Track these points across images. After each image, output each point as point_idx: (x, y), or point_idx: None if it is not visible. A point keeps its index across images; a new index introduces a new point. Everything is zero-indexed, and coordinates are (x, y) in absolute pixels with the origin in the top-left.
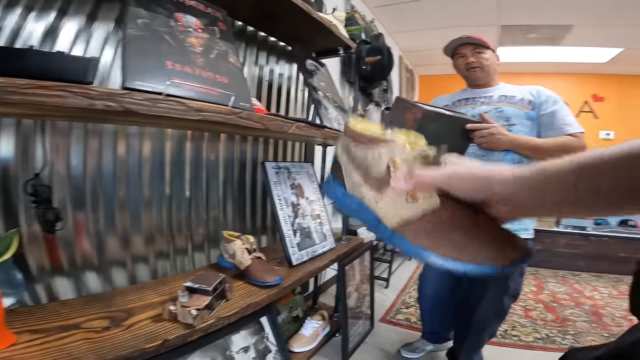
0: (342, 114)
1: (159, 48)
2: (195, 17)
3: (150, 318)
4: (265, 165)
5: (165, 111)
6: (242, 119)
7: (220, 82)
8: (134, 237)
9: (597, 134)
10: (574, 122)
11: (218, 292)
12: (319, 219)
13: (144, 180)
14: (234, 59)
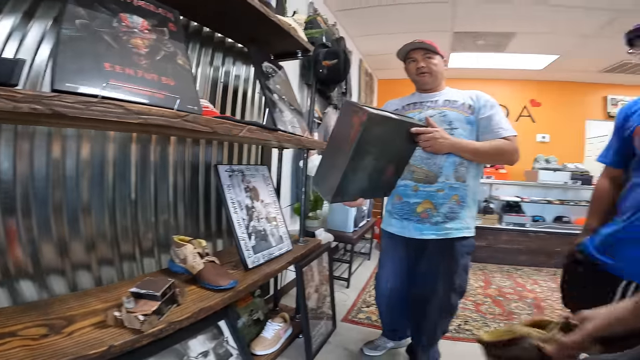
0: (297, 117)
1: (96, 49)
2: (142, 17)
3: (94, 325)
4: (218, 168)
5: (101, 114)
6: (188, 122)
7: (165, 84)
8: (73, 244)
9: (534, 137)
10: (508, 126)
11: (167, 297)
12: (275, 222)
13: (82, 184)
14: (183, 60)
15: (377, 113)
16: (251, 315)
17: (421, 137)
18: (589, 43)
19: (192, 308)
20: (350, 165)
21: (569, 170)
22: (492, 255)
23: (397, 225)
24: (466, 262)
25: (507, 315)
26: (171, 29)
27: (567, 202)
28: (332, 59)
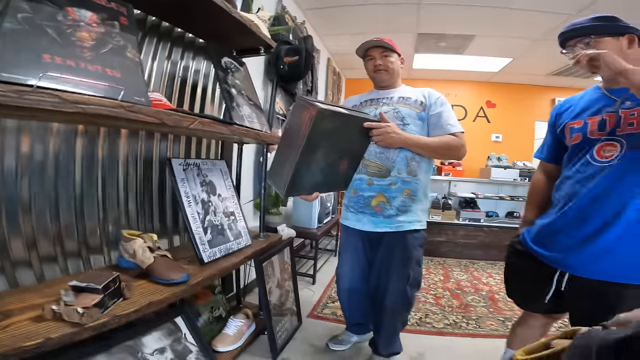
0: (257, 112)
1: (38, 42)
2: (92, 11)
3: (31, 319)
4: (172, 161)
5: (35, 103)
6: (132, 112)
7: (111, 76)
8: (11, 241)
9: (490, 137)
10: (456, 123)
11: (112, 291)
12: (233, 216)
13: (20, 180)
14: (132, 53)
15: (327, 108)
16: (212, 312)
17: (373, 132)
18: (538, 46)
19: (140, 302)
20: (302, 159)
21: (518, 168)
22: (452, 249)
23: (353, 219)
24: (419, 254)
25: (465, 308)
26: (122, 23)
27: (517, 198)
28: (293, 55)
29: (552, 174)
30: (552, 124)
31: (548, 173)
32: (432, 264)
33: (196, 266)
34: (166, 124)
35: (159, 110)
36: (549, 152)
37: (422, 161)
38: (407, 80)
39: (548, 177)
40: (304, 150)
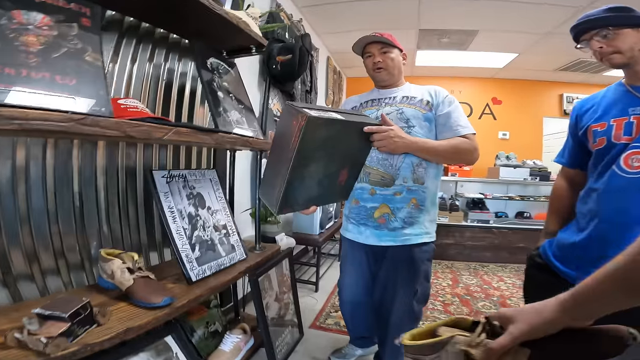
0: (248, 117)
1: None
2: (44, 13)
3: None
4: (153, 174)
5: None
6: (86, 125)
7: (61, 84)
8: None
9: (497, 134)
10: (467, 123)
11: (82, 318)
12: (224, 230)
13: None
14: (93, 57)
15: (319, 116)
16: (208, 327)
17: (374, 137)
18: (545, 41)
19: (117, 328)
20: (294, 174)
21: (528, 167)
22: (460, 252)
23: (354, 231)
24: (427, 268)
25: (475, 315)
26: (84, 24)
27: (527, 198)
28: (286, 54)
29: (575, 180)
30: (573, 126)
31: (570, 179)
32: (439, 267)
33: (183, 285)
34: (132, 136)
35: (119, 122)
36: (571, 156)
37: (430, 167)
38: (410, 78)
39: (571, 184)
40: (294, 164)
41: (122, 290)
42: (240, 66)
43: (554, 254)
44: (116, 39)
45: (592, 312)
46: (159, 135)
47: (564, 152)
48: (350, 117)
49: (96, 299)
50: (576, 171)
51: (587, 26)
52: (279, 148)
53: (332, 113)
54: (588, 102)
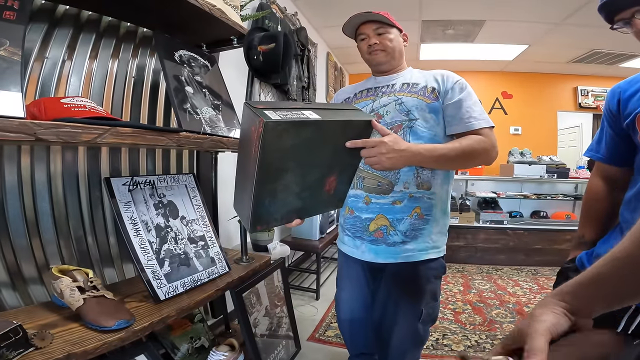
0: (226, 113)
1: None
2: None
3: None
4: (111, 181)
5: None
6: None
7: None
8: None
9: (508, 130)
10: (482, 114)
11: (12, 341)
12: (202, 242)
13: None
14: (9, 51)
15: (280, 120)
16: (193, 343)
17: (362, 153)
18: (558, 31)
19: (57, 353)
20: (261, 190)
21: (544, 163)
22: (472, 255)
23: (350, 244)
24: (434, 287)
25: (489, 324)
26: (5, 17)
27: (543, 196)
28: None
29: (615, 178)
30: (612, 114)
31: (608, 178)
32: (450, 271)
33: (150, 304)
34: (45, 139)
35: (26, 123)
36: (609, 149)
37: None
38: None
39: (608, 183)
40: (259, 179)
41: (73, 310)
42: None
43: None
44: (71, 33)
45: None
46: (87, 138)
47: (599, 144)
48: (330, 115)
49: (47, 319)
50: (615, 168)
51: (621, 3)
52: (243, 157)
53: (303, 112)
54: (633, 84)
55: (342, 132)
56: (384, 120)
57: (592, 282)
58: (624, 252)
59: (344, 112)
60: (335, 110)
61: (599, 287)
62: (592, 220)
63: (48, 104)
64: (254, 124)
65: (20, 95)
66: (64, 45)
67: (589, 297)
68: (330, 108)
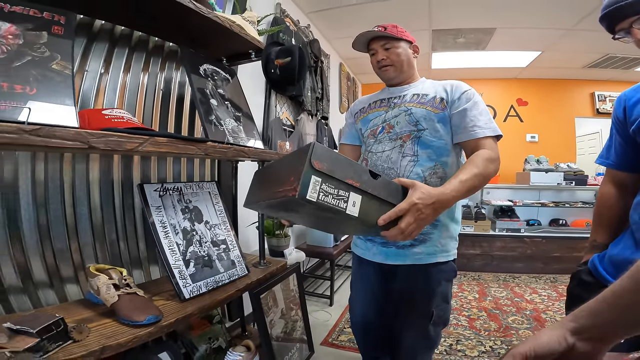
0: (246, 125)
1: None
2: (10, 22)
3: None
4: (144, 187)
5: None
6: (39, 137)
7: (19, 93)
8: None
9: (524, 137)
10: (488, 123)
11: (53, 334)
12: (223, 245)
13: None
14: (61, 65)
15: (314, 201)
16: (211, 343)
17: (403, 227)
18: (571, 36)
19: (93, 345)
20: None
21: (562, 171)
22: (488, 263)
23: (362, 247)
24: (445, 289)
25: (504, 330)
26: (54, 32)
27: (562, 204)
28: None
29: (625, 183)
30: (619, 121)
31: (619, 183)
32: (465, 279)
33: (176, 302)
34: (96, 147)
35: (81, 132)
36: (619, 156)
37: (449, 175)
38: None
39: (619, 188)
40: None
41: (108, 306)
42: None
43: (607, 272)
44: (107, 48)
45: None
46: (131, 147)
47: (609, 151)
48: (368, 207)
49: (82, 314)
50: (625, 173)
51: (620, 14)
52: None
53: (348, 197)
54: (637, 92)
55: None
56: (394, 130)
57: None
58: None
59: (386, 188)
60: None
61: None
62: (603, 224)
63: (91, 115)
64: (294, 173)
65: (74, 108)
66: (101, 59)
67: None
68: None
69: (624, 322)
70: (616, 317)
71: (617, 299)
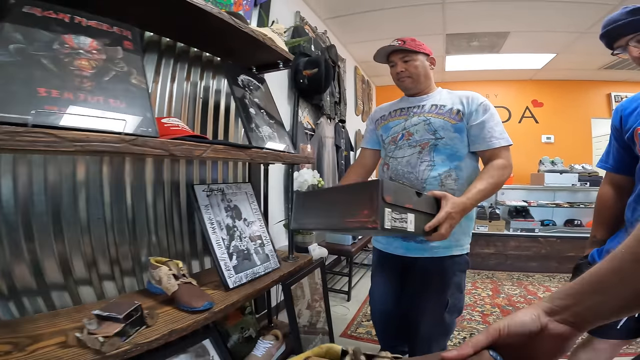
0: (279, 131)
1: (30, 74)
2: (92, 37)
3: (58, 344)
4: (195, 188)
5: (29, 144)
6: (136, 146)
7: (114, 106)
8: (46, 264)
9: (540, 138)
10: (502, 134)
11: (134, 319)
12: (259, 240)
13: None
14: (138, 79)
15: (388, 228)
16: (242, 333)
17: (443, 232)
18: (585, 39)
19: (162, 330)
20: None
21: (576, 172)
22: (501, 262)
23: (383, 242)
24: (459, 280)
25: None
26: (127, 47)
27: (576, 205)
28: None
29: (622, 185)
30: (616, 128)
31: (616, 185)
32: (479, 277)
33: (222, 291)
34: (174, 154)
35: (164, 142)
36: (616, 161)
37: (461, 178)
38: (441, 84)
39: (617, 190)
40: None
41: (168, 294)
42: (269, 81)
43: None
44: (156, 59)
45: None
46: (198, 153)
47: (608, 156)
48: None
49: (145, 303)
50: (622, 176)
51: (617, 32)
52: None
53: (407, 216)
54: (632, 101)
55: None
56: (413, 137)
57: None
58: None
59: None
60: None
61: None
62: (602, 222)
63: None
64: (367, 207)
65: (154, 120)
66: (152, 69)
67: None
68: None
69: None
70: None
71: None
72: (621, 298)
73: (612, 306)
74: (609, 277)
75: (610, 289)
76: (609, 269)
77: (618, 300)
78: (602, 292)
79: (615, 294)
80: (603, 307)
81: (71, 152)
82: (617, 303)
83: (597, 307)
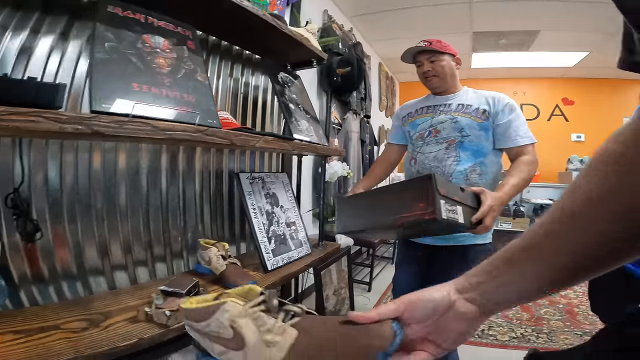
0: (314, 125)
1: (125, 70)
2: (163, 37)
3: (127, 320)
4: (240, 176)
5: (133, 132)
6: (208, 135)
7: (187, 100)
8: (112, 246)
9: (569, 137)
10: (527, 132)
11: (192, 295)
12: (294, 226)
13: (120, 192)
14: (202, 77)
15: (443, 219)
16: None
17: (487, 223)
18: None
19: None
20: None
21: None
22: None
23: None
24: None
25: (536, 320)
26: (190, 47)
27: None
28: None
29: None
30: None
31: None
32: None
33: (261, 273)
34: (235, 144)
35: (229, 132)
36: None
37: (486, 173)
38: (467, 81)
39: None
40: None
41: (217, 274)
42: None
43: None
44: (204, 57)
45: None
46: (253, 143)
47: None
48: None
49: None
50: None
51: None
52: (381, 203)
53: (457, 208)
54: None
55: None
56: (440, 135)
57: (498, 255)
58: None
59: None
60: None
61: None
62: None
63: None
64: (422, 200)
65: (217, 113)
66: None
67: (493, 272)
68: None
69: (507, 285)
70: (501, 276)
71: (506, 257)
72: (532, 276)
73: (519, 287)
74: (520, 253)
75: (521, 265)
76: (521, 245)
77: (527, 279)
78: (513, 268)
79: (525, 271)
80: (512, 287)
81: (160, 140)
82: (525, 283)
83: (507, 286)
